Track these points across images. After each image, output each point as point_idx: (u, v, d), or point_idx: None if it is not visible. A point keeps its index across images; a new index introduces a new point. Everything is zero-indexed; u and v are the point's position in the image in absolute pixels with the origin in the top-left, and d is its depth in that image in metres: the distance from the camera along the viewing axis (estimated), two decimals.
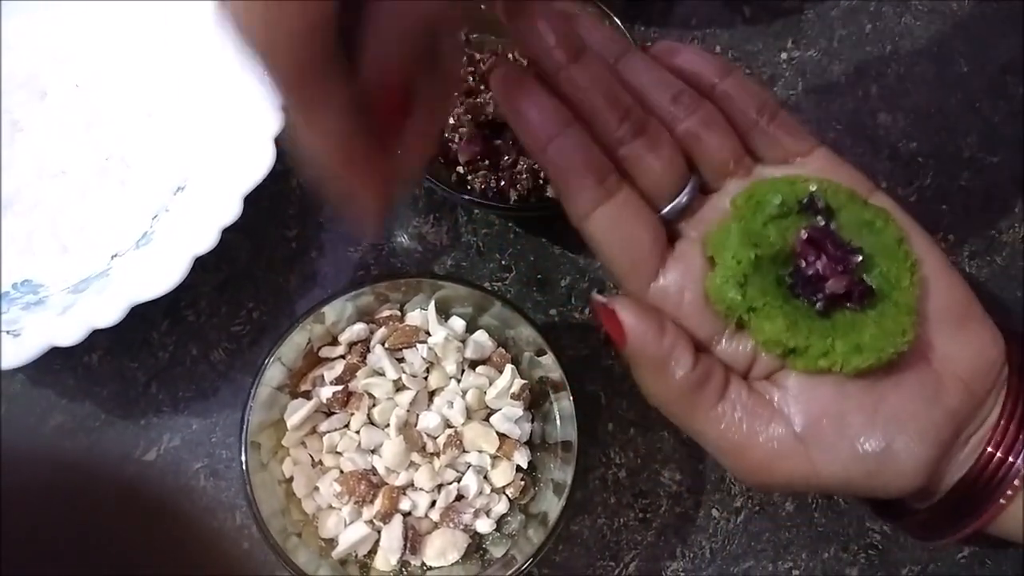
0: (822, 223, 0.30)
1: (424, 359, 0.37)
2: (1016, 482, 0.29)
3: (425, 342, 0.37)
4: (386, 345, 0.37)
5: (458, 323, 0.38)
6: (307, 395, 0.37)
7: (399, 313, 0.38)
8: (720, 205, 0.31)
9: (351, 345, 0.37)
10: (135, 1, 0.43)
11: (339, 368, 0.37)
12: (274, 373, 0.35)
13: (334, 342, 0.38)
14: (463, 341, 0.38)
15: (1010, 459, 0.29)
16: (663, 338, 0.28)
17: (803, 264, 0.29)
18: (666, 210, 0.30)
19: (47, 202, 0.41)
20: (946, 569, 0.40)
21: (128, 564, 0.38)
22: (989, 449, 0.29)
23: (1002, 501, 0.29)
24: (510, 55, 0.43)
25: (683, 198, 0.30)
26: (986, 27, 0.49)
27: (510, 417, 0.37)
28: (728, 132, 0.31)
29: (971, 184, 0.46)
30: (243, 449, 0.34)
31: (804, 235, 0.29)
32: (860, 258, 0.29)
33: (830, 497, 0.40)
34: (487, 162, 0.40)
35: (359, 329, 0.37)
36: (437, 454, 0.36)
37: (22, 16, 0.43)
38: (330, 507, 0.36)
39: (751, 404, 0.29)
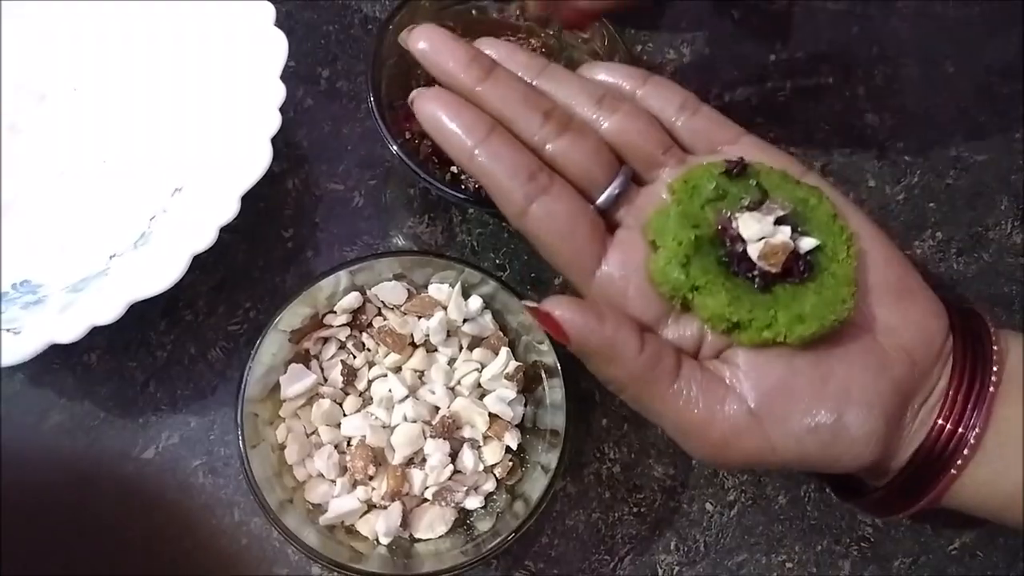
0: (748, 202, 0.30)
1: (435, 329, 0.38)
2: (966, 451, 0.29)
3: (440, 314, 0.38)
4: (403, 309, 0.39)
5: (476, 302, 0.39)
6: (307, 356, 0.38)
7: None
8: (656, 193, 0.32)
9: (353, 314, 0.39)
10: (132, 3, 0.43)
11: (342, 336, 0.38)
12: (274, 339, 0.36)
13: (332, 313, 0.39)
14: (470, 319, 0.39)
15: (959, 430, 0.30)
16: (604, 326, 0.28)
17: (728, 243, 0.30)
18: (601, 199, 0.31)
19: (45, 203, 0.42)
20: (936, 561, 0.40)
21: (127, 562, 0.38)
22: (939, 421, 0.30)
23: (953, 471, 0.30)
24: None
25: (615, 188, 0.31)
26: (971, 29, 0.50)
27: (503, 398, 0.37)
28: (653, 123, 0.32)
29: (958, 183, 0.47)
30: (239, 412, 0.35)
31: (726, 213, 0.30)
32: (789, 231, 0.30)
33: (822, 490, 0.41)
34: None
35: (353, 299, 0.38)
36: (442, 433, 0.37)
37: (20, 18, 0.44)
38: (320, 476, 0.37)
39: (705, 382, 0.29)
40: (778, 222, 0.30)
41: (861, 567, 0.40)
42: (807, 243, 0.30)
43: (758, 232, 0.29)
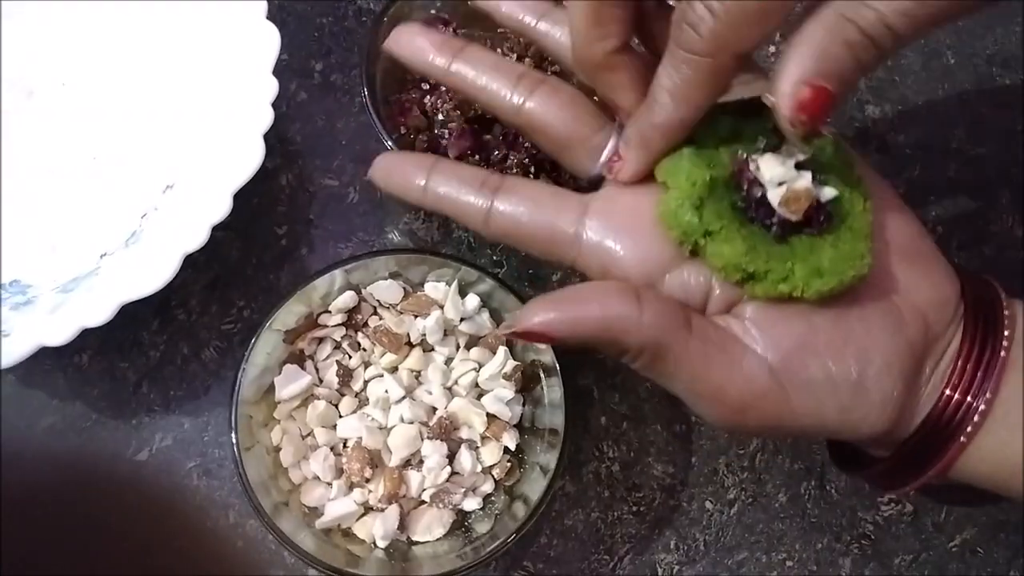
0: (765, 144, 0.28)
1: (432, 329, 0.37)
2: (976, 418, 0.28)
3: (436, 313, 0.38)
4: (399, 308, 0.38)
5: (473, 300, 0.38)
6: (302, 357, 0.38)
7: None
8: None
9: (348, 314, 0.38)
10: (120, 2, 0.43)
11: (337, 336, 0.38)
12: (268, 339, 0.36)
13: (327, 312, 0.38)
14: (467, 318, 0.38)
15: (968, 399, 0.29)
16: (589, 309, 0.27)
17: (745, 187, 0.28)
18: (599, 164, 0.30)
19: (35, 201, 0.41)
20: (937, 558, 0.40)
21: (122, 564, 0.38)
22: (947, 392, 0.29)
23: (962, 439, 0.29)
24: (499, 49, 0.43)
25: (612, 148, 0.30)
26: (972, 19, 0.50)
27: (501, 398, 0.37)
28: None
29: (959, 175, 0.46)
30: (233, 415, 0.34)
31: (742, 155, 0.28)
32: (809, 177, 0.28)
33: (822, 488, 0.41)
34: (477, 157, 0.40)
35: (348, 298, 0.38)
36: (439, 434, 0.36)
37: (8, 15, 0.43)
38: (316, 478, 0.36)
39: (721, 340, 0.27)
40: (798, 167, 0.28)
41: (862, 564, 0.40)
42: (828, 192, 0.28)
43: (780, 176, 0.27)
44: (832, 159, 0.29)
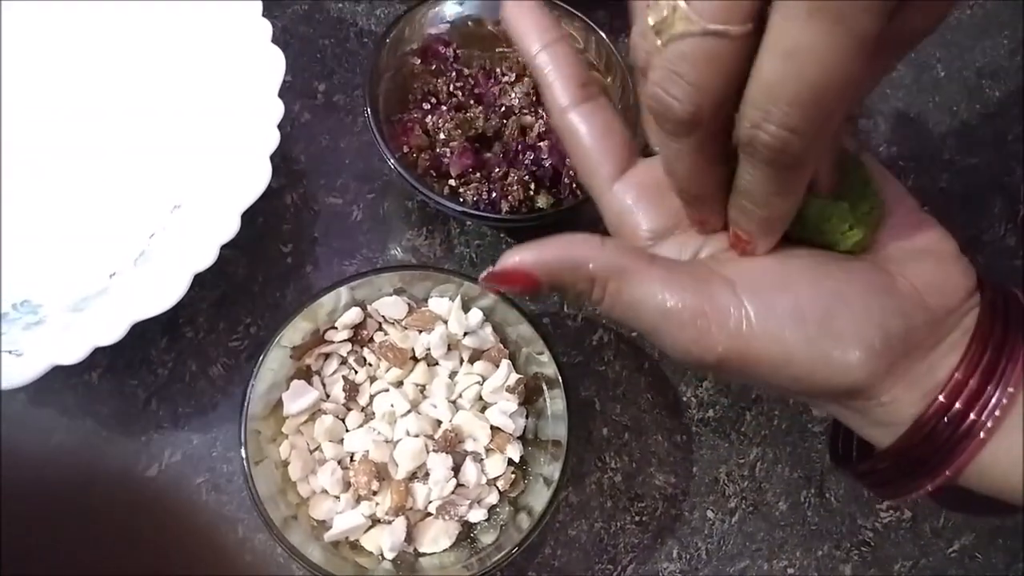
0: None
1: (436, 343, 0.38)
2: (997, 413, 0.26)
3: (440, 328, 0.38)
4: (404, 324, 0.39)
5: (476, 315, 0.39)
6: (309, 372, 0.38)
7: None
8: None
9: (354, 330, 0.39)
10: (129, 22, 0.44)
11: (344, 351, 0.39)
12: (276, 355, 0.37)
13: (333, 328, 0.39)
14: (470, 332, 0.39)
15: (988, 389, 0.27)
16: (555, 249, 0.28)
17: None
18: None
19: (44, 221, 0.42)
20: (936, 563, 0.41)
21: None
22: (957, 375, 0.27)
23: (982, 435, 0.27)
24: (497, 70, 0.44)
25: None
26: (962, 33, 0.51)
27: (505, 411, 0.38)
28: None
29: (951, 186, 0.47)
30: (243, 430, 0.35)
31: None
32: None
33: (822, 496, 0.41)
34: (478, 174, 0.41)
35: (354, 314, 0.38)
36: (444, 447, 0.37)
37: (18, 36, 0.44)
38: (324, 492, 0.37)
39: (686, 268, 0.28)
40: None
41: (862, 571, 0.41)
42: None
43: None
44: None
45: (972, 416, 0.27)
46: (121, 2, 0.43)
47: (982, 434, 0.27)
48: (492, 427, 0.38)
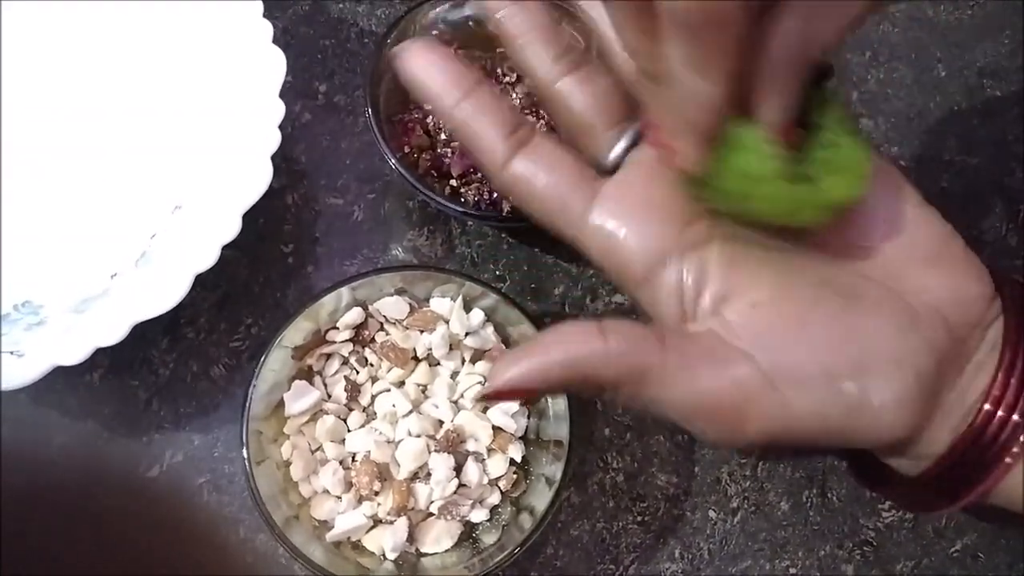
0: None
1: (438, 343, 0.38)
2: (1016, 448, 0.26)
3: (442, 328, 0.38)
4: (405, 324, 0.39)
5: (478, 315, 0.39)
6: (310, 373, 0.38)
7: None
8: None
9: (355, 330, 0.39)
10: (129, 22, 0.44)
11: (345, 352, 0.38)
12: (277, 355, 0.36)
13: (335, 329, 0.39)
14: (472, 332, 0.39)
15: (1014, 417, 0.26)
16: (550, 354, 0.25)
17: None
18: (611, 156, 0.28)
19: (45, 222, 0.42)
20: (939, 563, 0.41)
21: None
22: (987, 407, 0.26)
23: (1008, 460, 0.26)
24: (499, 70, 0.44)
25: (622, 144, 0.28)
26: (962, 32, 0.50)
27: (506, 411, 0.38)
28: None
29: (952, 187, 0.47)
30: (244, 430, 0.35)
31: None
32: None
33: (824, 495, 0.41)
34: (479, 175, 0.41)
35: (355, 315, 0.38)
36: (446, 447, 0.37)
37: (18, 38, 0.44)
38: (326, 492, 0.37)
39: (701, 347, 0.26)
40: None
41: (864, 571, 0.41)
42: None
43: None
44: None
45: (1003, 438, 0.26)
46: (121, 2, 0.43)
47: (1008, 459, 0.26)
48: (494, 427, 0.38)
